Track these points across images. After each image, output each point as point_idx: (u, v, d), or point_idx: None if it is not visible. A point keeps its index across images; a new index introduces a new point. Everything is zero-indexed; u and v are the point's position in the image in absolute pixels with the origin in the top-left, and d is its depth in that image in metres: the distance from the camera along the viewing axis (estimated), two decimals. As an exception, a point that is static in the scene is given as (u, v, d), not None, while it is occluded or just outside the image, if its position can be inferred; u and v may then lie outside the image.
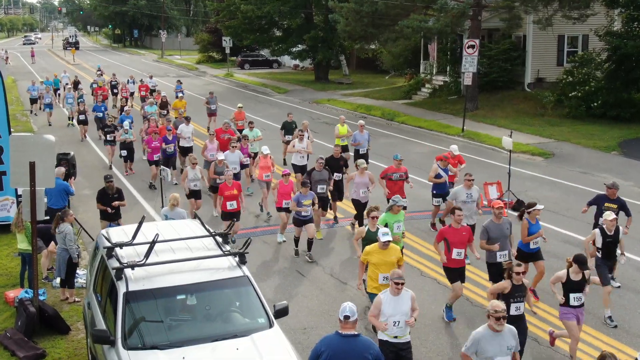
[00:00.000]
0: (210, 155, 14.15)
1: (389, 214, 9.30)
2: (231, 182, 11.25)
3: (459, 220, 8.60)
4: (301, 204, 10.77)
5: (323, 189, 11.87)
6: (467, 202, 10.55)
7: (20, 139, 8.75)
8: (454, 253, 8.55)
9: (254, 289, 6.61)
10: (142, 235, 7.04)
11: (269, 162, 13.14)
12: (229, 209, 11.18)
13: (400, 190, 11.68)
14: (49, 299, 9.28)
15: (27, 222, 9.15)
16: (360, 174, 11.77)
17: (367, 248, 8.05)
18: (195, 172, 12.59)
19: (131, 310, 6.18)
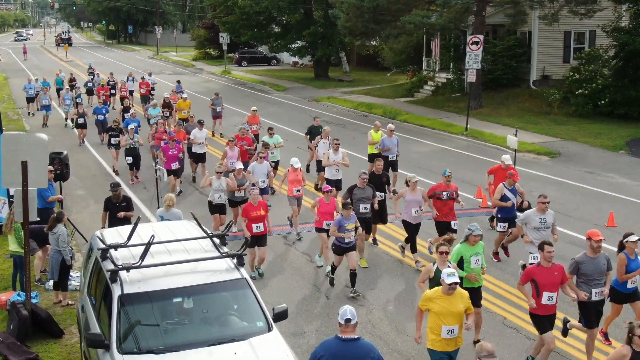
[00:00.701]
0: (230, 164, 13.11)
1: (464, 245, 7.91)
2: (257, 201, 9.86)
3: (549, 258, 7.20)
4: (343, 228, 9.32)
5: (366, 209, 10.44)
6: (541, 228, 9.19)
7: (12, 137, 8.65)
8: (545, 297, 7.20)
9: (252, 292, 6.52)
10: (138, 237, 6.91)
11: (299, 176, 11.82)
12: (255, 232, 9.79)
13: (450, 211, 10.37)
14: (42, 302, 9.19)
15: (16, 224, 9.03)
16: (411, 190, 10.39)
17: (428, 293, 6.68)
18: (220, 182, 11.45)
19: (126, 314, 6.11)
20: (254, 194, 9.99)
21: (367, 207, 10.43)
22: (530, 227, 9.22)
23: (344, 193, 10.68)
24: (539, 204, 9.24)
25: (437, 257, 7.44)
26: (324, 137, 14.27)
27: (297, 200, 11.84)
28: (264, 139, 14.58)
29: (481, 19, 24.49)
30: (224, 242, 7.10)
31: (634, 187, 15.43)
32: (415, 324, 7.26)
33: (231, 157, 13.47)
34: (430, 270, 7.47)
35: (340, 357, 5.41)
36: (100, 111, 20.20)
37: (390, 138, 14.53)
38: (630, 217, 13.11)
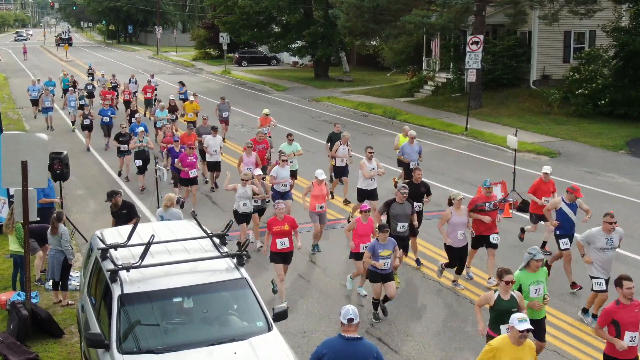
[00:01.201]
0: (247, 170, 12.37)
1: (524, 272, 7.03)
2: (282, 215, 9.05)
3: (629, 295, 6.40)
4: (377, 255, 8.30)
5: (404, 228, 9.40)
6: (607, 249, 8.40)
7: (12, 137, 8.63)
8: (627, 338, 6.40)
9: (252, 292, 6.51)
10: (137, 237, 6.90)
11: (324, 190, 10.82)
12: (280, 249, 9.00)
13: (493, 224, 9.49)
14: (42, 302, 9.18)
15: (17, 223, 9.02)
16: (456, 209, 9.27)
17: (496, 342, 5.74)
18: (246, 189, 10.73)
19: (126, 314, 6.10)
20: (279, 209, 9.09)
21: (405, 225, 9.38)
22: (593, 247, 8.40)
23: (381, 207, 9.70)
24: (605, 223, 8.43)
25: (500, 287, 6.63)
26: (343, 143, 13.68)
27: (320, 216, 10.82)
28: (282, 146, 13.60)
29: (481, 18, 24.47)
30: (224, 242, 7.09)
31: (634, 187, 15.42)
32: None
33: (248, 163, 12.76)
34: (490, 298, 6.68)
35: (342, 356, 5.41)
36: (106, 113, 19.34)
37: (411, 145, 13.62)
38: (630, 217, 13.10)
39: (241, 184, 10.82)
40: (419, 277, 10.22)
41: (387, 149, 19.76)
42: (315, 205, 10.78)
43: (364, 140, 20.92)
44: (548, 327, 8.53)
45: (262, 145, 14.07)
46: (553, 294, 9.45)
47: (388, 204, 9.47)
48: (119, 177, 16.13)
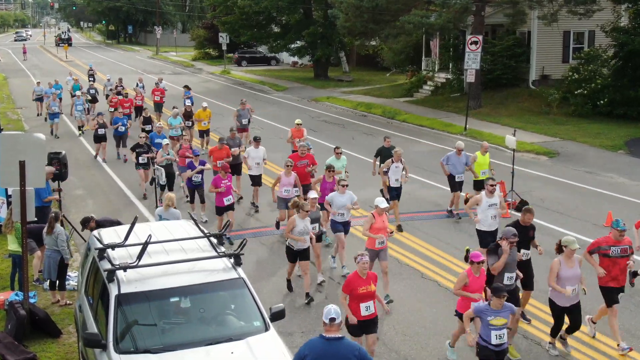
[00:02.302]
0: (284, 193, 11.16)
1: None
2: (365, 272, 7.01)
3: None
4: (486, 323, 6.53)
5: (511, 279, 7.66)
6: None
7: (10, 137, 8.61)
8: None
9: (249, 291, 6.52)
10: (135, 236, 6.90)
11: (385, 222, 9.00)
12: (364, 315, 7.06)
13: (621, 272, 7.89)
14: (39, 302, 9.17)
15: (17, 223, 9.02)
16: (567, 260, 7.48)
17: None
18: (306, 222, 9.05)
19: (123, 313, 6.10)
20: (363, 262, 6.96)
21: (512, 276, 7.64)
22: None
23: (489, 258, 7.63)
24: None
25: None
26: (395, 161, 12.07)
27: (380, 254, 8.91)
28: (330, 161, 11.78)
29: (480, 18, 24.47)
30: (221, 242, 7.09)
31: (633, 186, 15.41)
32: None
33: (286, 185, 11.20)
34: None
35: (324, 356, 5.44)
36: (122, 122, 17.71)
37: (458, 156, 12.75)
38: (629, 217, 13.08)
39: (299, 216, 9.01)
40: (417, 277, 10.20)
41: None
42: (375, 242, 8.84)
43: (364, 140, 20.95)
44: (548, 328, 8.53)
45: (305, 161, 12.19)
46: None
47: (493, 250, 7.58)
48: (145, 200, 14.26)
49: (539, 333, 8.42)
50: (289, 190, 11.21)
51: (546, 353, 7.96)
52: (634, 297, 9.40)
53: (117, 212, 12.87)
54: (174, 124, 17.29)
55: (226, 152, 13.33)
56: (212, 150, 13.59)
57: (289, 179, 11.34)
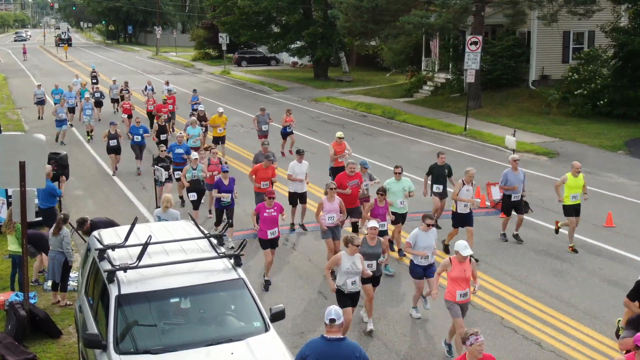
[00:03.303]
0: (328, 220, 9.69)
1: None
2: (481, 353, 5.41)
3: None
4: None
5: None
6: None
7: (10, 138, 8.65)
8: None
9: (249, 292, 6.52)
10: (135, 237, 6.89)
11: (468, 271, 7.38)
12: None
13: None
14: (40, 302, 9.17)
15: (17, 224, 9.02)
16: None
17: None
18: (354, 259, 7.63)
19: (123, 314, 6.10)
20: (479, 343, 5.39)
21: None
22: None
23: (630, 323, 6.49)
24: None
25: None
26: (467, 182, 10.46)
27: (462, 307, 7.49)
28: (389, 183, 10.50)
29: (480, 19, 24.47)
30: (221, 243, 7.09)
31: (633, 187, 15.42)
32: None
33: (330, 211, 9.70)
34: None
35: (325, 357, 5.44)
36: (137, 131, 16.13)
37: (515, 172, 11.30)
38: (629, 217, 13.10)
39: (347, 252, 7.62)
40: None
41: (387, 149, 19.84)
42: (456, 292, 7.36)
43: (364, 141, 20.94)
44: (547, 328, 8.53)
45: (355, 180, 10.73)
46: (551, 295, 9.47)
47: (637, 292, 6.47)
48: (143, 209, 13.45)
49: (538, 333, 8.43)
50: (334, 217, 9.74)
51: (542, 352, 7.96)
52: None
53: (117, 212, 12.86)
54: (193, 133, 15.63)
55: (272, 171, 11.61)
56: (255, 169, 11.63)
57: (333, 205, 9.74)
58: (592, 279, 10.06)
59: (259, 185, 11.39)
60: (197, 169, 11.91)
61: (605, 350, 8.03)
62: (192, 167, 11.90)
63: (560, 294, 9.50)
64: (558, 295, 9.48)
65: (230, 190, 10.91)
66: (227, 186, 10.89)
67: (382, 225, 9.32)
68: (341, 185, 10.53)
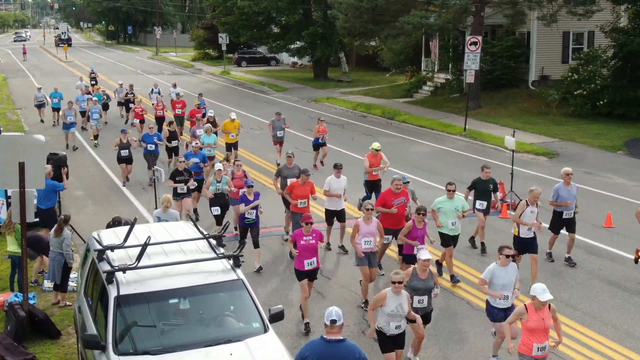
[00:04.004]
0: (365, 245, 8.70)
1: None
2: None
3: None
4: None
5: None
6: None
7: (9, 138, 8.69)
8: None
9: (248, 293, 6.51)
10: (134, 238, 6.88)
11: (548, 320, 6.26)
12: None
13: None
14: (39, 303, 9.17)
15: (17, 225, 9.03)
16: None
17: None
18: (402, 300, 6.65)
19: (122, 315, 6.10)
20: None
21: None
22: None
23: None
24: None
25: None
26: (531, 203, 9.34)
27: None
28: (439, 202, 9.56)
29: (480, 19, 24.48)
30: (220, 244, 7.08)
31: (632, 187, 15.42)
32: None
33: (367, 234, 8.62)
34: None
35: (325, 358, 5.44)
36: (151, 140, 15.13)
37: (567, 187, 10.37)
38: (628, 217, 13.10)
39: (392, 290, 6.61)
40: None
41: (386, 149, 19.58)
42: (533, 346, 6.23)
43: (363, 141, 20.94)
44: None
45: (401, 199, 9.69)
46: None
47: None
48: None
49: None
50: (371, 241, 8.68)
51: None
52: (632, 298, 9.42)
53: (116, 213, 12.82)
54: (209, 142, 14.71)
55: (311, 188, 10.52)
56: (292, 186, 10.62)
57: (370, 227, 8.70)
58: (592, 279, 10.06)
59: (295, 203, 10.40)
60: (222, 182, 11.00)
61: (605, 351, 8.04)
62: (216, 180, 10.99)
63: (559, 295, 9.50)
64: (557, 296, 9.47)
65: (254, 207, 10.05)
66: (252, 201, 10.06)
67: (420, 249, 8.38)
68: (385, 204, 9.54)
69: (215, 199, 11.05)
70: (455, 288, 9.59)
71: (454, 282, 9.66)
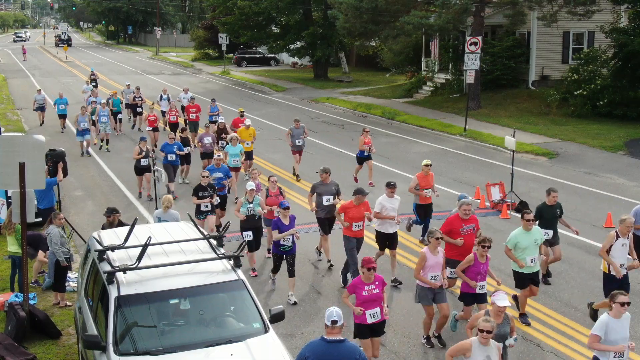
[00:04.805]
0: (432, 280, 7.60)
1: None
2: None
3: None
4: None
5: None
6: None
7: (9, 139, 8.70)
8: None
9: (248, 293, 6.51)
10: (135, 238, 6.89)
11: None
12: None
13: None
14: (39, 303, 9.18)
15: (17, 225, 9.03)
16: None
17: None
18: (490, 352, 5.64)
19: (123, 315, 6.10)
20: None
21: None
22: None
23: None
24: None
25: None
26: (622, 235, 7.99)
27: None
28: (515, 236, 8.17)
29: (480, 19, 24.48)
30: (220, 244, 7.09)
31: (632, 187, 15.42)
32: None
33: (434, 267, 7.57)
34: None
35: (325, 358, 5.44)
36: (172, 150, 14.06)
37: None
38: (628, 217, 13.08)
39: (479, 340, 5.61)
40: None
41: (386, 149, 19.82)
42: None
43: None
44: (547, 330, 8.52)
45: (470, 225, 8.52)
46: (550, 296, 9.47)
47: None
48: None
49: (538, 334, 8.43)
50: (438, 276, 7.54)
51: (542, 353, 7.96)
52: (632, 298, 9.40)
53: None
54: (234, 152, 13.67)
55: (366, 207, 9.38)
56: (345, 207, 9.41)
57: (437, 258, 7.55)
58: (592, 280, 10.06)
59: (348, 226, 9.25)
60: (254, 202, 9.80)
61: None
62: (247, 200, 9.80)
63: (559, 295, 9.51)
64: (558, 296, 9.48)
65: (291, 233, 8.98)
66: (288, 226, 8.95)
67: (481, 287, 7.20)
68: (451, 232, 8.29)
69: (247, 221, 9.80)
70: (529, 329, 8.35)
71: (523, 321, 8.33)
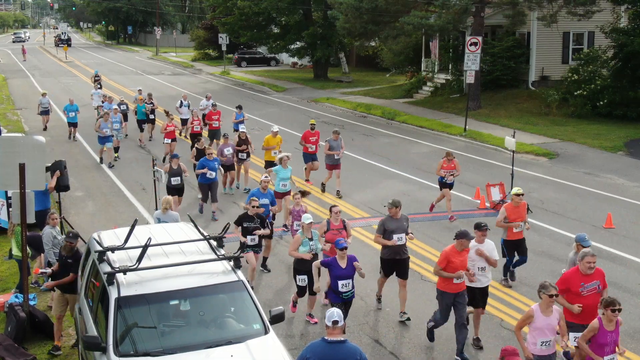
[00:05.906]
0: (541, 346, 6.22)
1: None
2: None
3: None
4: None
5: None
6: None
7: (9, 139, 8.79)
8: None
9: (249, 294, 6.52)
10: (135, 239, 6.89)
11: None
12: None
13: None
14: (39, 304, 9.18)
15: (17, 227, 9.03)
16: None
17: None
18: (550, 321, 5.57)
19: (123, 316, 6.10)
20: None
21: None
22: None
23: None
24: None
25: None
26: None
27: None
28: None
29: (480, 19, 24.48)
30: (220, 245, 7.09)
31: (632, 188, 15.41)
32: None
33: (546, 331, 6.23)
34: None
35: (326, 359, 5.44)
36: (212, 166, 12.62)
37: None
38: (628, 218, 13.11)
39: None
40: (416, 278, 10.20)
41: (386, 149, 19.82)
42: None
43: (363, 141, 20.95)
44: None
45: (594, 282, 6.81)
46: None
47: None
48: None
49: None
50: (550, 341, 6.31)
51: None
52: (632, 298, 9.41)
53: (116, 213, 12.87)
54: (284, 176, 11.77)
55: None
56: (447, 255, 7.52)
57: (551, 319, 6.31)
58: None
59: (448, 275, 7.41)
60: (315, 239, 8.13)
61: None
62: (307, 237, 8.08)
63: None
64: (558, 297, 9.46)
65: (350, 276, 7.41)
66: (345, 270, 7.40)
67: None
68: (569, 292, 6.67)
69: (303, 262, 8.12)
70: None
71: None
